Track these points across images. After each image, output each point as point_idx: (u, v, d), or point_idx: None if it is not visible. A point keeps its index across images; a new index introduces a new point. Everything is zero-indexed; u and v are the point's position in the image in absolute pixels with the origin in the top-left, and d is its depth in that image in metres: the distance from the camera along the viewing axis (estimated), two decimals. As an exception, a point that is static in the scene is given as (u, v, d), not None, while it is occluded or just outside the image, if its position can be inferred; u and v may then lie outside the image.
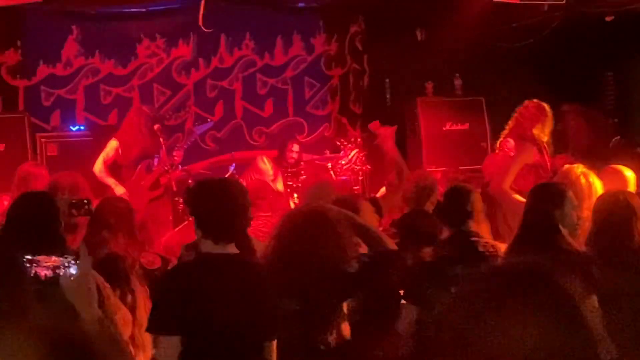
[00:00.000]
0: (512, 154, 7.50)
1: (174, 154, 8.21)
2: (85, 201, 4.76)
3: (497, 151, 7.68)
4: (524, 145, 7.60)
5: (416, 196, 5.76)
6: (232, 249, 3.54)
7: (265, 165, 8.44)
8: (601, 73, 10.26)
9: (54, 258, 2.77)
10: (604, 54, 9.91)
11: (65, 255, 2.76)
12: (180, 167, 8.46)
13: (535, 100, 7.90)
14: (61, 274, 2.76)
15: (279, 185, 8.58)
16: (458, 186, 4.89)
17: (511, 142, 7.77)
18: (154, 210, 7.97)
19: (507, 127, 7.87)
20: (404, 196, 6.01)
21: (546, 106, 7.85)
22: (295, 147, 9.36)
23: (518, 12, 8.69)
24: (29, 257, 2.88)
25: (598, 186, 5.08)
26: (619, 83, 10.19)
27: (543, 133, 7.72)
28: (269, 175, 8.37)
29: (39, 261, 2.87)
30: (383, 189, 7.38)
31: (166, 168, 8.13)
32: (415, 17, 9.98)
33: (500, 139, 7.89)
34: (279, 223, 4.05)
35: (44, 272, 2.89)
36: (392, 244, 4.31)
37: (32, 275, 2.87)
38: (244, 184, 6.23)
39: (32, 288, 2.60)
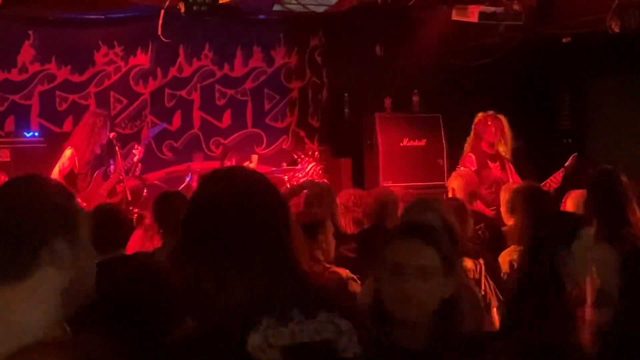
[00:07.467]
0: (473, 169, 7.57)
1: (134, 150, 8.25)
2: None
3: (459, 167, 7.71)
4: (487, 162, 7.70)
5: (378, 212, 5.77)
6: None
7: None
8: (558, 94, 10.42)
9: None
10: (561, 74, 10.06)
11: None
12: (138, 173, 8.43)
13: (491, 114, 7.98)
14: None
15: None
16: None
17: (472, 157, 7.83)
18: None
19: (468, 143, 7.94)
20: (365, 211, 6.01)
21: (503, 120, 7.94)
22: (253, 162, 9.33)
23: (476, 32, 8.77)
24: None
25: None
26: (575, 104, 10.35)
27: (506, 148, 7.81)
28: None
29: None
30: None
31: (121, 177, 8.08)
32: (374, 32, 10.00)
33: (463, 155, 7.95)
34: None
35: None
36: None
37: None
38: None
39: None
